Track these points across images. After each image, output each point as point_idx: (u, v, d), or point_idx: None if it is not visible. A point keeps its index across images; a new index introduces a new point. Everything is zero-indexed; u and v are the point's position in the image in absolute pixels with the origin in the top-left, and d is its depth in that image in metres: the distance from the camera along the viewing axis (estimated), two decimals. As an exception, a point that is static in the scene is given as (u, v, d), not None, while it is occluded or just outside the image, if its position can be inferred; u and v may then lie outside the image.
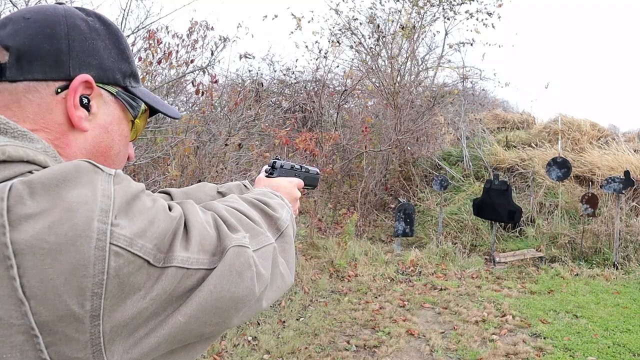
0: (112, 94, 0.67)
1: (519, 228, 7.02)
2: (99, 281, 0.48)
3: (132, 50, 4.78)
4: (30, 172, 0.52)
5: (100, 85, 0.65)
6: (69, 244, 0.47)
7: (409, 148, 9.12)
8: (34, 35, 0.61)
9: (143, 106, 0.73)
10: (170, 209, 0.58)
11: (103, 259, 0.48)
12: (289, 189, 0.97)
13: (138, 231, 0.52)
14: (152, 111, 0.77)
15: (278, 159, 1.01)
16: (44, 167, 0.54)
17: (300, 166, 1.08)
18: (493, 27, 9.39)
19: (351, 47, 9.77)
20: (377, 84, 9.10)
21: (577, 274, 5.71)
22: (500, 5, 9.25)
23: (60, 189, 0.49)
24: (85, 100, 0.63)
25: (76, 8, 0.67)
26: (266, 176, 1.00)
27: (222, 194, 1.00)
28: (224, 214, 0.65)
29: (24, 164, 0.53)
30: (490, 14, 9.32)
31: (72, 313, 0.48)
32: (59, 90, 0.61)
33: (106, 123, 0.67)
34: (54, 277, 0.47)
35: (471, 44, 9.47)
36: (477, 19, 9.43)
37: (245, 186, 1.05)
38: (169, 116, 0.79)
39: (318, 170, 1.15)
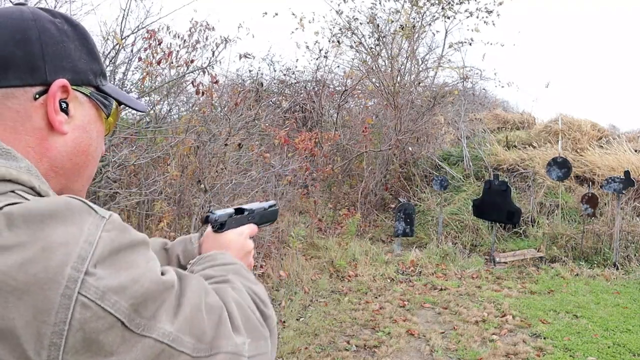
0: (86, 95, 0.68)
1: (520, 228, 7.01)
2: (59, 331, 0.45)
3: (132, 51, 4.79)
4: (13, 191, 0.52)
5: (75, 87, 0.65)
6: (37, 286, 0.45)
7: (409, 148, 9.12)
8: (5, 42, 0.60)
9: (114, 103, 0.73)
10: (163, 274, 0.55)
11: (67, 307, 0.46)
12: (240, 244, 0.90)
13: (116, 286, 0.48)
14: (119, 105, 0.77)
15: (212, 213, 0.90)
16: (28, 187, 0.54)
17: (250, 209, 0.98)
18: (493, 24, 9.41)
19: (351, 47, 9.79)
20: (377, 84, 9.10)
21: (577, 274, 5.70)
22: (500, 4, 9.27)
23: (45, 224, 0.47)
24: (64, 105, 0.64)
25: (40, 9, 0.65)
26: (214, 231, 0.90)
27: (166, 252, 0.92)
28: (233, 309, 0.62)
29: (5, 182, 0.53)
30: (490, 12, 9.34)
31: (26, 358, 0.45)
32: (37, 96, 0.61)
33: (84, 123, 0.67)
34: (15, 317, 0.45)
35: (470, 44, 9.48)
36: (477, 17, 9.47)
37: (191, 241, 0.94)
38: (136, 109, 0.78)
39: (273, 202, 1.06)
